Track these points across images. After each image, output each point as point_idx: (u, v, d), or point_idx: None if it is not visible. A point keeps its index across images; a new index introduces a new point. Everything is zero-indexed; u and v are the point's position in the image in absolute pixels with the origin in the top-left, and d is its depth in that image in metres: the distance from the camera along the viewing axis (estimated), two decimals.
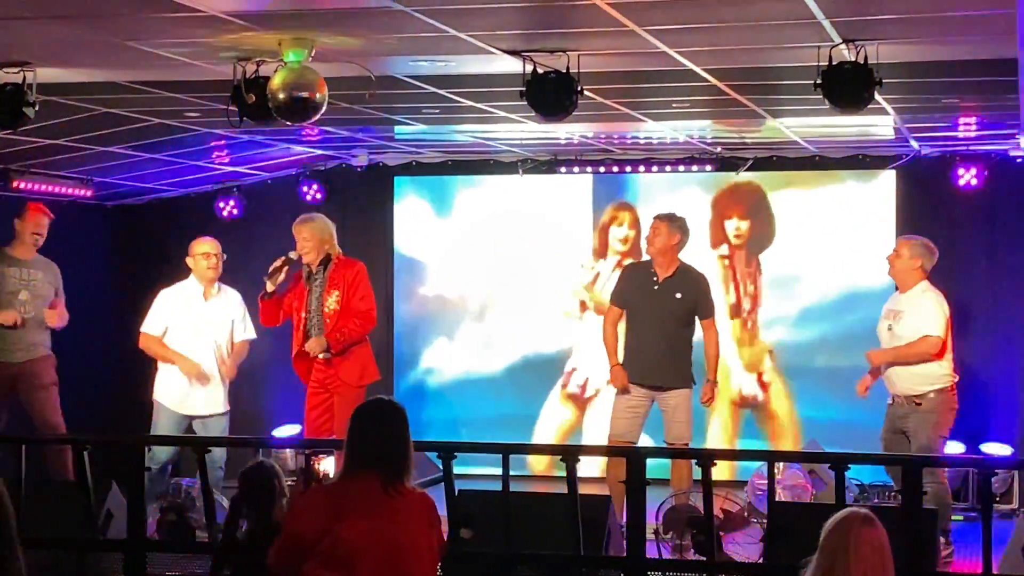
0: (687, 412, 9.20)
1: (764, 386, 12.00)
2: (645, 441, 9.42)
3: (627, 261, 11.66)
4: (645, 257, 9.60)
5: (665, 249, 9.21)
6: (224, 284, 9.70)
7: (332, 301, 9.04)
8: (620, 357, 9.30)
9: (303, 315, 9.13)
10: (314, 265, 9.12)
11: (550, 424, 12.35)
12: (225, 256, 9.61)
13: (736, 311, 12.04)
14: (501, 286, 12.53)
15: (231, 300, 9.66)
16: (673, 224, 9.28)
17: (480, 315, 12.60)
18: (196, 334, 9.48)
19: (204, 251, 9.51)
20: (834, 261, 11.80)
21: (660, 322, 9.19)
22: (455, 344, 12.63)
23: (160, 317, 9.52)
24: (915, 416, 8.80)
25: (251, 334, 9.70)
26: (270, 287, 9.09)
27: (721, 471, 8.15)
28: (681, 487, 8.77)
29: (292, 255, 9.14)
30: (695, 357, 9.34)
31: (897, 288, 9.12)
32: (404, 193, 12.68)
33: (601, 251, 12.35)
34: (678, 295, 9.20)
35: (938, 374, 8.83)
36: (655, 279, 9.24)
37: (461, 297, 12.63)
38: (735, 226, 12.10)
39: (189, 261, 9.56)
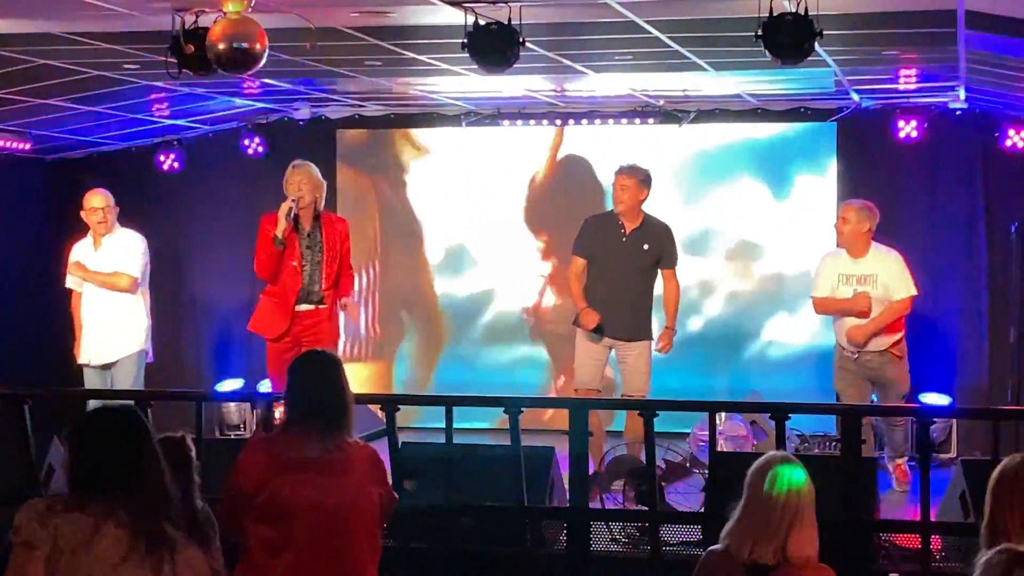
0: (647, 365, 9.24)
1: None
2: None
3: None
4: (608, 209, 9.53)
5: (635, 204, 9.21)
6: (128, 228, 9.52)
7: (333, 256, 8.89)
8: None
9: (302, 267, 8.83)
10: (308, 212, 8.91)
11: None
12: (116, 208, 9.43)
13: None
14: (444, 239, 12.53)
15: (122, 243, 9.47)
16: (643, 183, 9.19)
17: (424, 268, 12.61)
18: (91, 284, 9.42)
19: (92, 206, 9.39)
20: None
21: (627, 274, 9.19)
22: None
23: (71, 273, 9.48)
24: (892, 365, 9.14)
25: (131, 271, 9.38)
26: (281, 234, 8.69)
27: None
28: (634, 437, 8.79)
29: (293, 199, 8.77)
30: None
31: (847, 252, 9.17)
32: (346, 146, 12.62)
33: None
34: (645, 246, 9.21)
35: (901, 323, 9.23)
36: (623, 231, 9.22)
37: (404, 251, 12.62)
38: None
39: (82, 214, 9.46)
